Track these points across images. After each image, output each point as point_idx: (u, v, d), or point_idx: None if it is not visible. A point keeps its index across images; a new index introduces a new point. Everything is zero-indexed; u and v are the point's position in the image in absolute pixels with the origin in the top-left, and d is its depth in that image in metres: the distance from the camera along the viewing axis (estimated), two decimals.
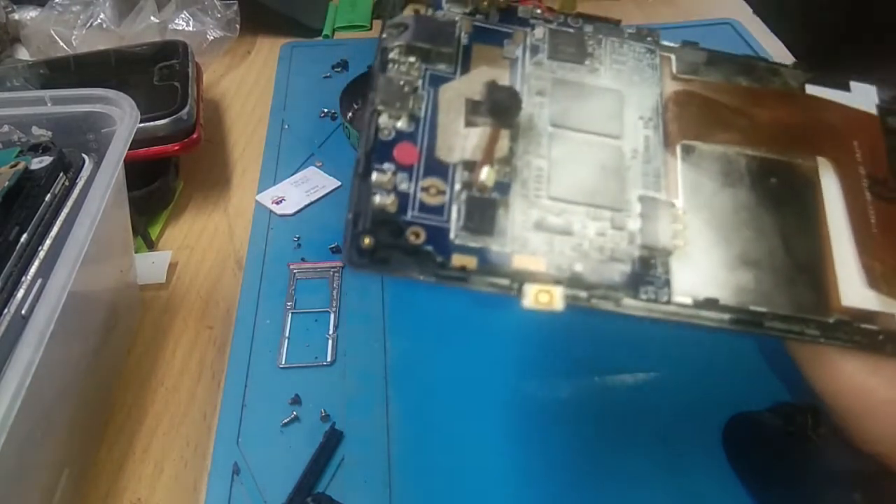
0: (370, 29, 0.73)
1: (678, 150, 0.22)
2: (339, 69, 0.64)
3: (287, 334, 0.40)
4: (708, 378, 0.36)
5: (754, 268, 0.21)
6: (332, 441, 0.34)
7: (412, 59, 0.22)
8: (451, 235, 0.20)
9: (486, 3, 0.23)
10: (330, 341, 0.40)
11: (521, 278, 0.20)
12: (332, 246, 0.46)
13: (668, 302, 0.20)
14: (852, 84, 0.25)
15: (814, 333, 0.21)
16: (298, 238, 0.46)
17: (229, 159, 0.56)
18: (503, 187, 0.21)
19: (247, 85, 0.65)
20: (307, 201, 0.49)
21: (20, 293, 0.29)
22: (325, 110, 0.58)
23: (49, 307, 0.27)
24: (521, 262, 0.20)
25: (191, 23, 0.64)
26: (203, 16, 0.65)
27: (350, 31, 0.73)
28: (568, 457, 0.34)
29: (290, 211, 0.48)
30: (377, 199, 0.19)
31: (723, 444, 0.34)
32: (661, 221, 0.21)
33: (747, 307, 0.20)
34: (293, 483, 0.33)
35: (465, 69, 0.22)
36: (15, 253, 0.30)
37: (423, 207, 0.20)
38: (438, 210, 0.20)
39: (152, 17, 0.63)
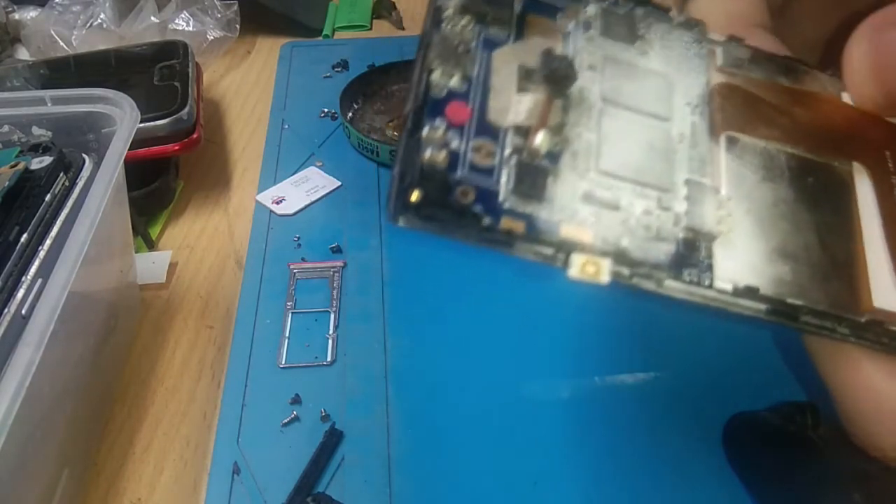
0: (370, 29, 0.73)
1: (722, 139, 0.23)
2: (339, 69, 0.64)
3: (287, 334, 0.40)
4: (708, 378, 0.36)
5: (792, 261, 0.21)
6: (332, 441, 0.34)
7: (466, 19, 0.21)
8: (501, 198, 0.19)
9: None
10: (330, 341, 0.40)
11: (568, 248, 0.19)
12: (333, 246, 0.46)
13: (710, 286, 0.20)
14: None
15: (844, 332, 0.21)
16: (298, 238, 0.46)
17: (229, 159, 0.56)
18: (553, 157, 0.20)
19: (247, 85, 0.65)
20: (307, 201, 0.49)
21: (20, 293, 0.29)
22: (325, 110, 0.58)
23: (49, 307, 0.27)
24: (568, 231, 0.20)
25: (191, 23, 0.64)
26: (203, 16, 0.65)
27: (350, 31, 0.73)
28: (567, 456, 0.34)
29: (290, 211, 0.49)
30: (428, 153, 0.19)
31: (723, 444, 0.34)
32: (707, 206, 0.21)
33: (785, 299, 0.21)
34: (293, 483, 0.33)
35: (520, 36, 0.22)
36: (15, 253, 0.30)
37: (473, 167, 0.19)
38: (488, 172, 0.20)
39: (152, 17, 0.64)
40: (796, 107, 0.24)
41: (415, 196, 0.19)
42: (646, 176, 0.21)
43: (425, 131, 0.19)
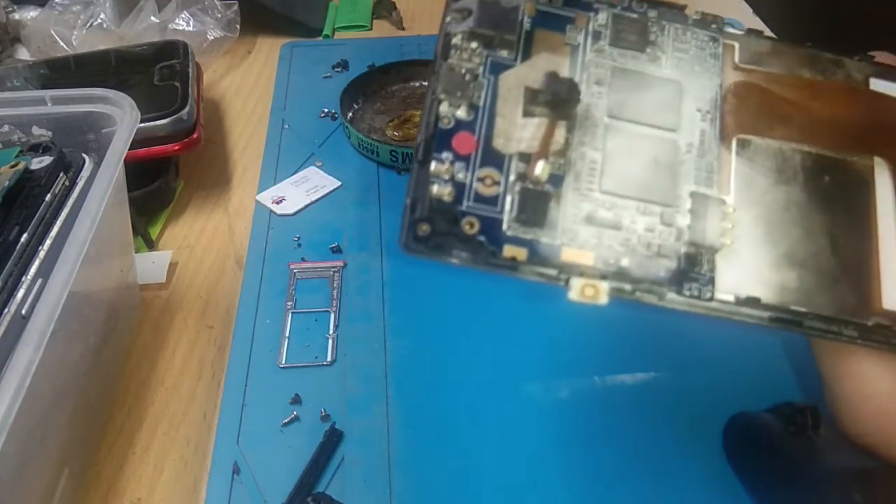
0: (370, 29, 0.73)
1: (734, 144, 0.22)
2: (339, 69, 0.64)
3: (287, 334, 0.40)
4: (708, 378, 0.36)
5: (799, 267, 0.21)
6: (332, 441, 0.34)
7: (474, 45, 0.22)
8: (504, 227, 0.20)
9: None
10: (330, 341, 0.40)
11: (569, 270, 0.20)
12: (333, 245, 0.46)
13: (711, 299, 0.21)
14: None
15: (851, 334, 0.21)
16: (298, 238, 0.46)
17: (229, 159, 0.56)
18: (556, 179, 0.21)
19: (247, 85, 0.65)
20: (307, 201, 0.49)
21: (20, 293, 0.29)
22: (325, 110, 0.58)
23: (49, 307, 0.27)
24: (569, 255, 0.20)
25: (191, 23, 0.64)
26: (203, 16, 0.65)
27: (350, 31, 0.73)
28: (567, 456, 0.34)
29: (291, 211, 0.49)
30: (435, 188, 0.20)
31: (723, 444, 0.34)
32: (710, 219, 0.21)
33: (788, 307, 0.21)
34: (293, 483, 0.33)
35: (527, 55, 0.22)
36: (15, 253, 0.30)
37: (478, 198, 0.20)
38: (493, 201, 0.21)
39: (152, 17, 0.64)
40: (816, 101, 0.23)
41: (423, 228, 0.20)
42: (650, 193, 0.21)
43: (433, 165, 0.20)
